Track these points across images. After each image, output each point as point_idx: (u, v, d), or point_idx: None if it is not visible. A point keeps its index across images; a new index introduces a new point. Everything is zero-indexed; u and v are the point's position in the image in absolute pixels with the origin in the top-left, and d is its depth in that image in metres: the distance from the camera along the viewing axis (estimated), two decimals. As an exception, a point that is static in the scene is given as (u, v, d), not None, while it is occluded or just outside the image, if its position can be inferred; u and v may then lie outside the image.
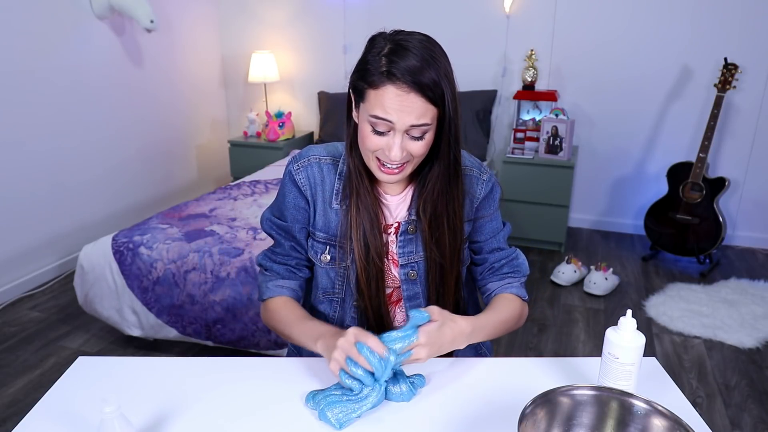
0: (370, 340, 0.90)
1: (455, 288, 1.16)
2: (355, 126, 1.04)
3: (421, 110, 0.94)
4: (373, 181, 1.10)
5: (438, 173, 1.05)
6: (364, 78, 0.96)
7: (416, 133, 0.97)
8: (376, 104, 0.95)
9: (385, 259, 1.12)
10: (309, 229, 1.15)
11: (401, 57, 0.93)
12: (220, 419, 0.92)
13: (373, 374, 0.91)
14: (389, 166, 1.01)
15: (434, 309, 0.98)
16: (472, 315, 1.08)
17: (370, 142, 0.99)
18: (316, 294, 1.20)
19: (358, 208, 1.07)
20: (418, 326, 0.94)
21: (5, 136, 2.73)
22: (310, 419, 0.92)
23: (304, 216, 1.14)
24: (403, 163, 1.01)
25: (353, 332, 0.92)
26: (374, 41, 0.98)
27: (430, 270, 1.13)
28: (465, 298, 1.25)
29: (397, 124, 0.95)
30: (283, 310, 1.13)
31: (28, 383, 2.20)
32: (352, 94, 1.03)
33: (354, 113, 1.04)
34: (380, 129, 0.97)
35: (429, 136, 0.99)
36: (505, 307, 1.14)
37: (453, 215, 1.09)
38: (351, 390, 0.92)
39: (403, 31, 0.99)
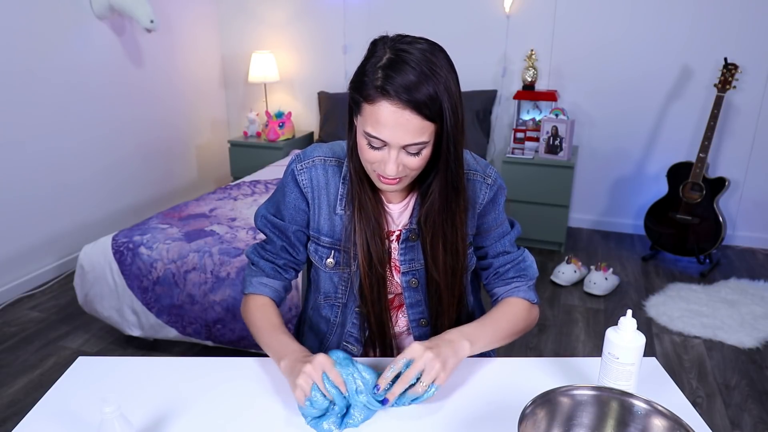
0: (332, 372, 0.89)
1: (458, 299, 1.13)
2: (356, 132, 1.01)
3: (417, 128, 0.90)
4: (375, 187, 1.06)
5: (438, 188, 1.02)
6: (360, 90, 0.92)
7: (412, 150, 0.94)
8: (371, 120, 0.91)
9: (388, 266, 1.11)
10: (310, 233, 1.13)
11: (398, 71, 0.88)
12: (220, 419, 0.92)
13: (335, 401, 0.89)
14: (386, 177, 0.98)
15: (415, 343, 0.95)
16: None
17: (366, 155, 0.96)
18: (318, 298, 1.18)
19: (360, 214, 1.05)
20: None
21: (5, 136, 2.73)
22: (310, 419, 0.92)
23: (303, 218, 1.12)
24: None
25: (320, 361, 0.90)
26: (375, 47, 0.94)
27: (430, 281, 1.11)
28: (471, 304, 1.22)
29: (392, 142, 0.92)
30: (259, 313, 1.10)
31: (28, 383, 2.20)
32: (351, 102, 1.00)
33: (354, 119, 1.01)
34: (375, 145, 0.94)
35: (426, 152, 0.95)
36: (503, 313, 1.11)
37: (453, 233, 1.06)
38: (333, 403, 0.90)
39: (407, 37, 0.93)
